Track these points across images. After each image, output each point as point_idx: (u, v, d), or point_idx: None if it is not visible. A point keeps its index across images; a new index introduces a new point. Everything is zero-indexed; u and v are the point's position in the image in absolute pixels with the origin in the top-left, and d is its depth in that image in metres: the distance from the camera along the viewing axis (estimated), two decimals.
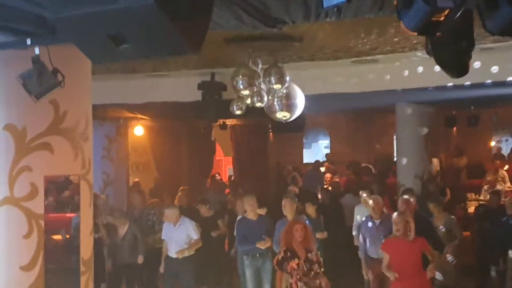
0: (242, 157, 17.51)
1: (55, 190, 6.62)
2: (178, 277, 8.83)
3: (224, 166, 20.61)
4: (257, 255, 8.44)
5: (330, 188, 14.41)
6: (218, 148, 18.31)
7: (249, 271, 8.54)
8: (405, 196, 8.43)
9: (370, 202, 8.60)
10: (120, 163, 15.46)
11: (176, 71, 10.45)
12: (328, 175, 15.89)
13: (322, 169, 16.86)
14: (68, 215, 6.87)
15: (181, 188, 12.92)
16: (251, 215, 8.57)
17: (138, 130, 16.05)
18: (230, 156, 19.22)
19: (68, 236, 6.75)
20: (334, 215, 10.52)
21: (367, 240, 8.34)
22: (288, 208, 8.38)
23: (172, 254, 8.79)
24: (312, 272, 6.63)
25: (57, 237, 6.90)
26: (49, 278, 5.10)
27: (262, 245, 8.27)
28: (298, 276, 6.61)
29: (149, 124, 15.96)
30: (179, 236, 8.79)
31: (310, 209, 9.53)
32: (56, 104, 5.18)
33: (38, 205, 5.07)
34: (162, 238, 9.02)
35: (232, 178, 18.95)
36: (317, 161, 17.36)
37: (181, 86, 11.11)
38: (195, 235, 8.83)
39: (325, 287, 6.63)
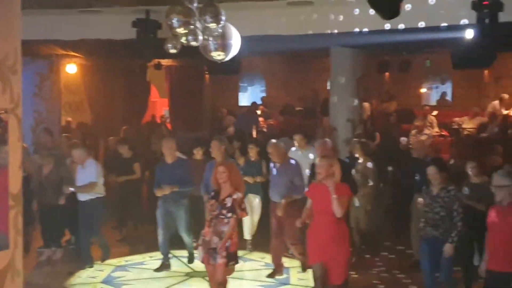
0: (177, 99, 17.42)
1: None
2: (89, 220, 8.67)
3: (159, 108, 20.43)
4: (169, 199, 8.44)
5: (265, 130, 14.62)
6: (153, 89, 18.11)
7: (160, 215, 8.54)
8: (322, 140, 8.43)
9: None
10: (53, 102, 15.13)
11: (109, 7, 10.21)
12: (262, 118, 16.05)
13: (258, 112, 16.99)
14: None
15: (123, 127, 12.89)
16: (168, 159, 8.55)
17: (71, 68, 15.69)
18: (166, 98, 19.08)
19: None
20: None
21: (270, 183, 8.52)
22: (215, 150, 8.46)
23: (79, 196, 8.71)
24: (221, 216, 6.52)
25: None
26: None
27: (165, 191, 8.34)
28: (210, 217, 6.62)
29: (82, 62, 15.59)
30: (84, 178, 8.64)
31: (253, 152, 9.58)
32: None
33: None
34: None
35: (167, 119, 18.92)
36: (253, 103, 17.48)
37: (115, 23, 10.89)
38: (93, 178, 8.62)
39: (226, 235, 6.45)
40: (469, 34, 8.78)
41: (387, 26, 9.42)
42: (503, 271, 5.63)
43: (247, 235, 9.63)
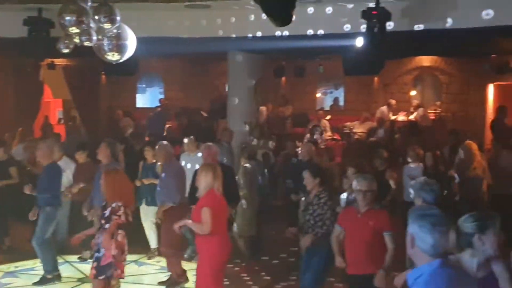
0: (73, 100, 16.96)
1: None
2: None
3: (53, 109, 19.76)
4: (38, 206, 8.13)
5: (166, 133, 14.55)
6: (47, 89, 17.50)
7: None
8: (207, 144, 8.29)
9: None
10: None
11: (1, 4, 9.81)
12: None
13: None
14: None
15: (19, 129, 12.36)
16: (43, 163, 8.31)
17: None
18: (60, 98, 18.50)
19: None
20: None
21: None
22: (101, 154, 8.22)
23: None
24: (102, 228, 6.18)
25: None
26: None
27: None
28: (97, 229, 6.36)
29: None
30: None
31: (149, 154, 9.35)
32: None
33: None
34: None
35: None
36: (158, 106, 17.39)
37: (5, 20, 10.47)
38: None
39: (100, 246, 6.07)
40: (360, 42, 9.14)
41: (285, 32, 9.65)
42: (364, 273, 5.61)
43: (153, 244, 9.40)
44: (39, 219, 8.11)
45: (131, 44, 7.72)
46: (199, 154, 8.94)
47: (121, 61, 7.73)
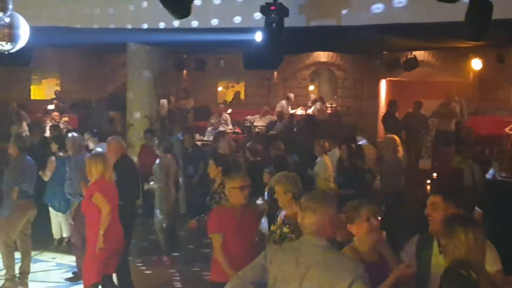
0: None
1: None
2: None
3: None
4: None
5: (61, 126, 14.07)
6: None
7: None
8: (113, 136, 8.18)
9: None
10: None
11: None
12: (56, 113, 15.41)
13: (51, 107, 16.32)
14: None
15: None
16: None
17: None
18: None
19: None
20: None
21: None
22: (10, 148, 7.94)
23: None
24: None
25: None
26: None
27: None
28: None
29: None
30: None
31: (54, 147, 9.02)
32: None
33: None
34: None
35: None
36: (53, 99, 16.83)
37: None
38: None
39: None
40: (259, 37, 9.26)
41: (185, 24, 9.62)
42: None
43: (55, 235, 9.39)
44: None
45: (24, 34, 7.45)
46: (99, 149, 8.79)
47: (13, 50, 7.46)
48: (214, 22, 9.77)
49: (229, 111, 16.64)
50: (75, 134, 8.64)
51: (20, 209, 7.45)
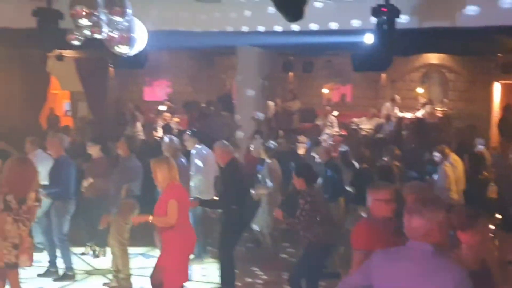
0: (84, 92, 16.98)
1: None
2: None
3: (60, 100, 19.82)
4: (56, 201, 8.11)
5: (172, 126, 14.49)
6: (53, 81, 17.52)
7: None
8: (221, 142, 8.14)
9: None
10: None
11: None
12: (167, 114, 15.93)
13: (163, 107, 16.87)
14: None
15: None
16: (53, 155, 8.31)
17: None
18: (68, 89, 18.53)
19: None
20: None
21: None
22: (119, 148, 8.18)
23: None
24: None
25: None
26: None
27: None
28: None
29: None
30: None
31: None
32: None
33: None
34: None
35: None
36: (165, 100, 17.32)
37: (13, 11, 10.49)
38: None
39: None
40: (369, 38, 9.13)
41: (296, 27, 9.66)
42: None
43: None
44: (52, 215, 8.08)
45: (141, 37, 7.74)
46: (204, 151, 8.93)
47: (130, 54, 7.77)
48: (323, 25, 9.72)
49: (335, 113, 16.50)
50: (172, 137, 8.82)
51: (128, 207, 7.67)
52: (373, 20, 8.79)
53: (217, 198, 8.28)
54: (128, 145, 8.10)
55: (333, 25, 9.76)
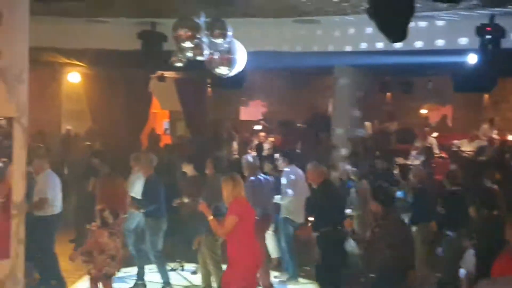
0: (183, 111, 17.44)
1: None
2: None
3: (160, 119, 20.47)
4: (148, 218, 8.35)
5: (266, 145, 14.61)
6: (154, 100, 18.11)
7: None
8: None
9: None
10: (53, 110, 15.13)
11: (116, 18, 10.26)
12: (262, 133, 16.07)
13: (258, 127, 17.03)
14: None
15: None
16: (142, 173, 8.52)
17: (73, 77, 15.70)
18: (168, 109, 19.11)
19: None
20: None
21: None
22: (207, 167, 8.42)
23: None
24: None
25: None
26: None
27: None
28: None
29: (85, 71, 15.62)
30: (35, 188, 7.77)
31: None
32: None
33: None
34: None
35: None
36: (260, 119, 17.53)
37: (120, 34, 10.94)
38: (46, 193, 7.71)
39: None
40: (472, 58, 8.84)
41: (395, 46, 9.49)
42: None
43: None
44: (146, 232, 8.32)
45: (241, 58, 7.87)
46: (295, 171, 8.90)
47: (230, 75, 7.90)
48: (425, 44, 9.48)
49: (435, 134, 16.02)
50: (250, 156, 8.95)
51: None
52: (477, 39, 8.52)
53: (311, 219, 8.21)
54: (214, 165, 8.31)
55: (439, 43, 9.49)
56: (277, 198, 8.77)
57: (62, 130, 15.57)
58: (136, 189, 8.39)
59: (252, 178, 8.34)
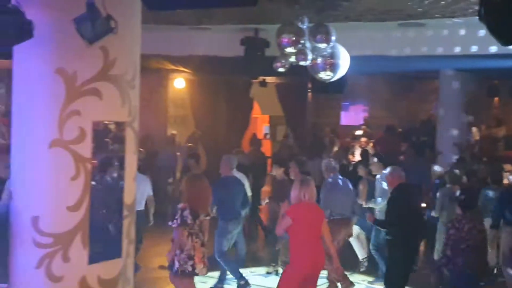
0: (285, 116, 17.53)
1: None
2: None
3: (260, 124, 20.67)
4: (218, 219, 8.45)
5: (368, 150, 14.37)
6: (255, 105, 18.31)
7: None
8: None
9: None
10: (159, 115, 15.63)
11: (219, 25, 10.47)
12: (364, 139, 15.82)
13: (359, 132, 16.80)
14: None
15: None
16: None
17: (179, 83, 16.18)
18: (268, 114, 19.26)
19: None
20: None
21: None
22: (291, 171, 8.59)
23: None
24: None
25: None
26: (93, 219, 5.28)
27: None
28: None
29: (189, 77, 16.06)
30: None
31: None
32: (106, 51, 5.24)
33: (85, 149, 5.21)
34: None
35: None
36: (361, 124, 17.34)
37: (223, 40, 11.14)
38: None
39: None
40: None
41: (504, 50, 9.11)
42: None
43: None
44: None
45: (344, 63, 7.83)
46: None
47: (333, 79, 7.88)
48: None
49: None
50: (329, 160, 8.98)
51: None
52: None
53: None
54: (299, 169, 8.42)
55: None
56: (372, 202, 8.80)
57: (167, 134, 16.05)
58: None
59: (329, 179, 8.41)
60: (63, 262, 5.14)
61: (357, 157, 13.13)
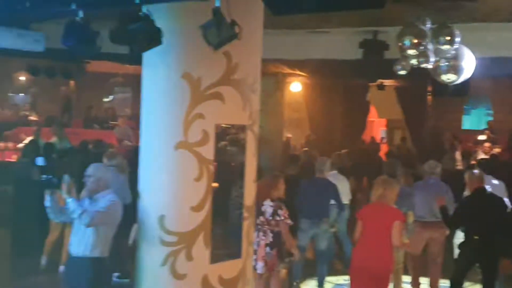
0: (405, 120, 17.17)
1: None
2: None
3: (376, 128, 20.35)
4: None
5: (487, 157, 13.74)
6: (371, 109, 18.05)
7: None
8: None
9: None
10: (276, 118, 15.78)
11: (338, 28, 10.40)
12: (487, 144, 15.11)
13: (483, 137, 16.11)
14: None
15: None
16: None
17: (295, 87, 16.28)
18: (385, 117, 18.93)
19: None
20: None
21: None
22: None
23: None
24: None
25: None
26: (215, 219, 5.43)
27: None
28: None
29: (305, 81, 16.10)
30: None
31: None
32: (228, 56, 5.38)
33: (208, 151, 5.37)
34: None
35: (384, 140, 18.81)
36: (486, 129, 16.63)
37: (341, 43, 11.04)
38: None
39: None
40: None
41: None
42: None
43: None
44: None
45: (468, 66, 7.55)
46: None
47: (457, 82, 7.62)
48: None
49: None
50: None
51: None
52: None
53: None
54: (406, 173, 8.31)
55: None
56: None
57: (283, 138, 16.18)
58: None
59: (420, 182, 8.12)
60: (187, 261, 5.32)
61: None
